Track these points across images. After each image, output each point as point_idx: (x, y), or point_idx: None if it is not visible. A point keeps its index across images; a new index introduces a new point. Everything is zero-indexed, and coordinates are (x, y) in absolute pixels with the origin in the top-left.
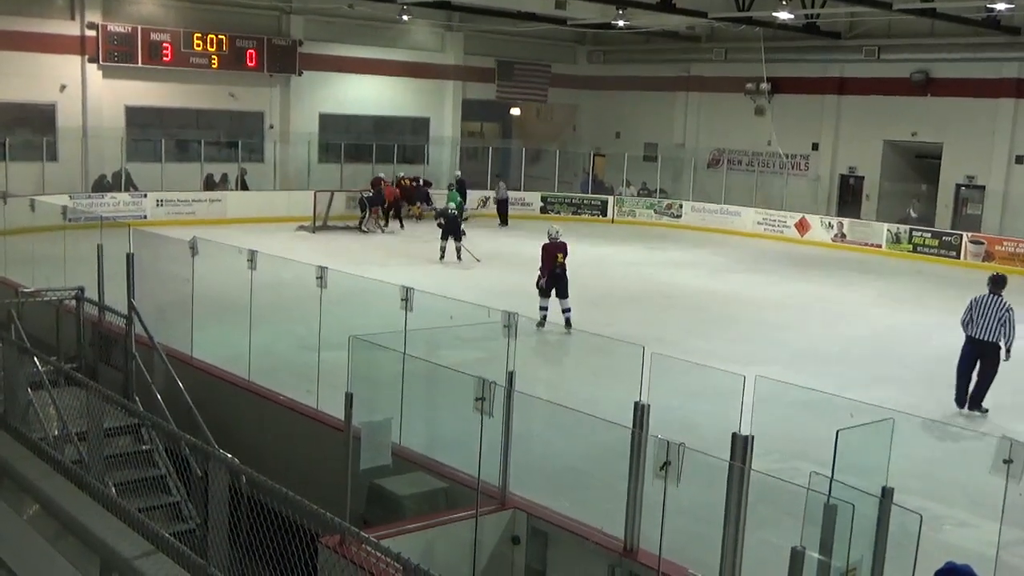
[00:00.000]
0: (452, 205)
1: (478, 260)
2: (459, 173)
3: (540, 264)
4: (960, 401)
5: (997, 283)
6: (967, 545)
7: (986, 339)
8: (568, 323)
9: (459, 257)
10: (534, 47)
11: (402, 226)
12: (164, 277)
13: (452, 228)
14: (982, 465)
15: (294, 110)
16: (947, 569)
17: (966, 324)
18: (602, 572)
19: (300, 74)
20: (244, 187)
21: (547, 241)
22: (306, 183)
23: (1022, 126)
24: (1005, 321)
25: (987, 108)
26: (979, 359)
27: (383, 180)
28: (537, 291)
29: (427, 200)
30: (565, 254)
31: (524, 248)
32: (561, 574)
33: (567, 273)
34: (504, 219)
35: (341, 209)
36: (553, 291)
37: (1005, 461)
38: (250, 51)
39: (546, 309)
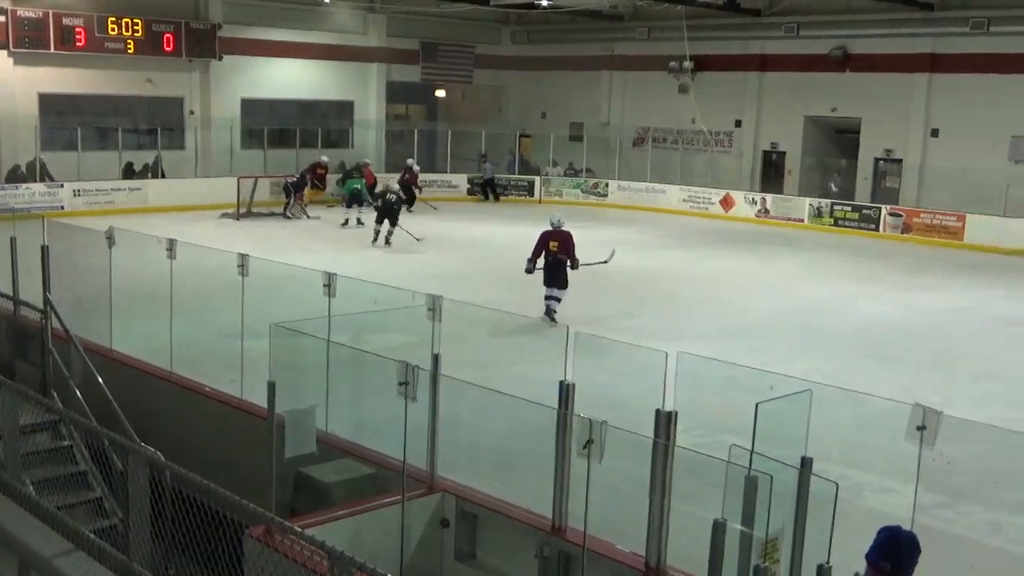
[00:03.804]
0: (396, 186)
1: (419, 240)
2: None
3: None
4: None
5: None
6: (887, 510)
7: None
8: (550, 312)
9: (387, 242)
10: (458, 28)
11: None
12: (81, 269)
13: (387, 212)
14: (899, 432)
15: (215, 95)
16: (886, 540)
17: None
18: (531, 551)
19: (220, 58)
20: (161, 174)
21: (548, 228)
22: (229, 169)
23: (937, 100)
24: None
25: (903, 83)
26: None
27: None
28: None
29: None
30: (561, 243)
31: (455, 232)
32: (490, 555)
33: (567, 264)
34: (495, 195)
35: (265, 195)
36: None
37: (918, 428)
38: (167, 35)
39: (551, 299)
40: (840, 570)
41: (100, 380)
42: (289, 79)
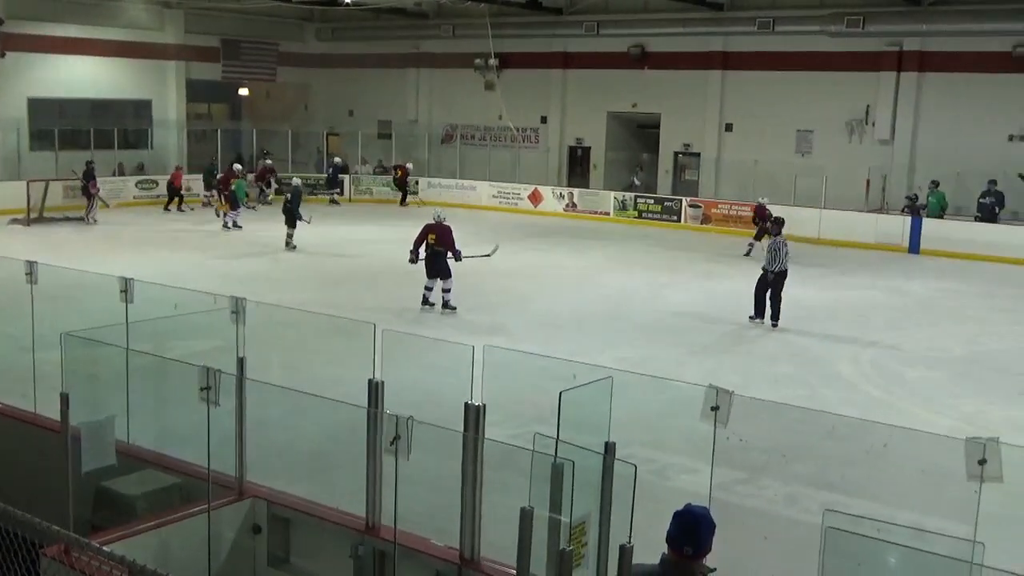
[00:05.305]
0: (296, 181)
1: (308, 221)
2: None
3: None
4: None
5: (778, 224)
6: (691, 488)
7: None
8: (445, 304)
9: (287, 245)
10: (260, 25)
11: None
12: None
13: (287, 214)
14: (698, 414)
15: None
16: (685, 524)
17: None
18: (345, 551)
19: (3, 55)
20: None
21: (430, 222)
22: (17, 173)
23: (730, 96)
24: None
25: (698, 80)
26: (770, 286)
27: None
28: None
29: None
30: (439, 236)
31: (263, 233)
32: (304, 558)
33: (447, 256)
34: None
35: (59, 199)
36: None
37: (712, 408)
38: None
39: (429, 290)
40: (649, 550)
41: None
42: (81, 77)
